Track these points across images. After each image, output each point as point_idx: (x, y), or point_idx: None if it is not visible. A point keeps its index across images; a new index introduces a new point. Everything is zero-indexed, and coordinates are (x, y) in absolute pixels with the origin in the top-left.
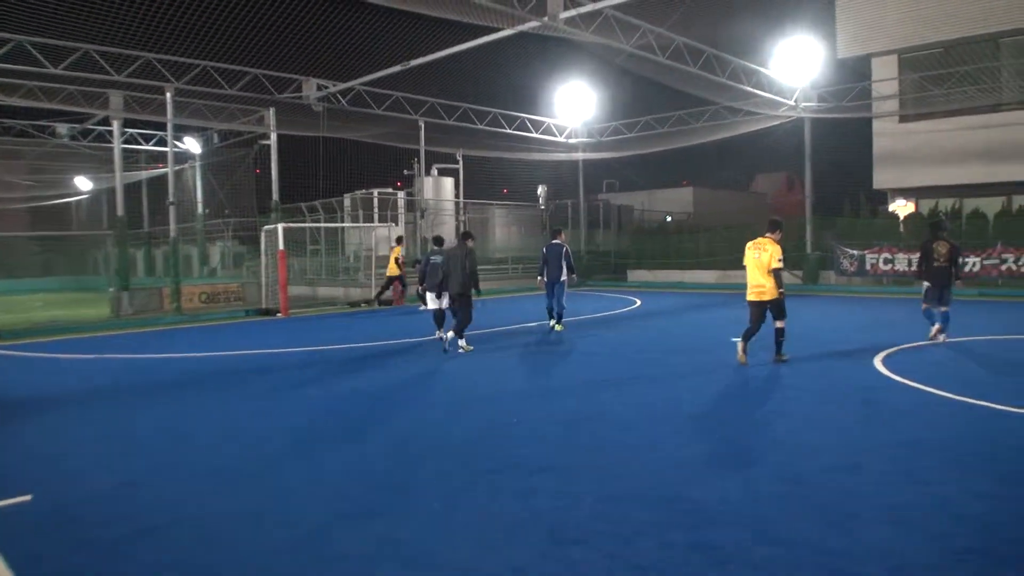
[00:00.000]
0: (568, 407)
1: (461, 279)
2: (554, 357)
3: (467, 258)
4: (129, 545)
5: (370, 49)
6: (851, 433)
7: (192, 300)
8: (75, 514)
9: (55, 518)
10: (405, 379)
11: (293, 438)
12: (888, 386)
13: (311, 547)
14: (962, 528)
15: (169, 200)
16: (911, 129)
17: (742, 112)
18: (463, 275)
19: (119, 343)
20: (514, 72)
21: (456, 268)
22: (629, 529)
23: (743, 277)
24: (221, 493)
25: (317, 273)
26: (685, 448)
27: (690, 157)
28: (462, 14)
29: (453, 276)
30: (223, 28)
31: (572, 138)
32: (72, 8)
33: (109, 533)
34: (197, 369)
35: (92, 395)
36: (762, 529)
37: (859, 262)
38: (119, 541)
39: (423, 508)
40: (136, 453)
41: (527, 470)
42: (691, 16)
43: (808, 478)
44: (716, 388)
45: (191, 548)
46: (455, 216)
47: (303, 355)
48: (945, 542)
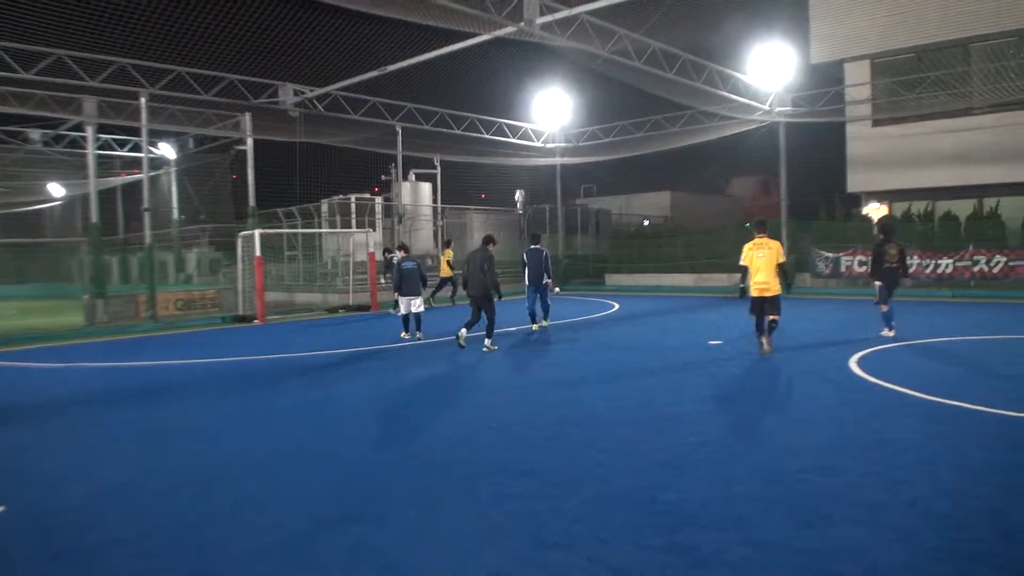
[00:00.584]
0: (547, 411)
1: (481, 281)
2: (533, 361)
3: (486, 261)
4: (103, 555)
5: (347, 54)
6: (826, 433)
7: (168, 307)
8: (48, 525)
9: (28, 529)
10: (381, 385)
11: (268, 445)
12: (863, 387)
13: (288, 554)
14: (933, 527)
15: (144, 206)
16: (884, 133)
17: (718, 116)
18: (482, 277)
19: (93, 351)
20: (491, 77)
21: (475, 271)
22: (608, 532)
23: (720, 280)
24: (196, 502)
25: (295, 279)
26: (664, 450)
27: (667, 161)
28: (439, 19)
29: (472, 279)
30: (198, 33)
31: (550, 143)
32: (45, 13)
33: (83, 543)
34: (172, 377)
35: (65, 404)
36: (739, 530)
37: (834, 264)
38: (93, 551)
39: (401, 514)
40: (110, 462)
41: (506, 474)
42: (667, 21)
43: (784, 479)
44: (694, 390)
45: (166, 557)
46: (433, 221)
47: (279, 361)
48: (917, 541)
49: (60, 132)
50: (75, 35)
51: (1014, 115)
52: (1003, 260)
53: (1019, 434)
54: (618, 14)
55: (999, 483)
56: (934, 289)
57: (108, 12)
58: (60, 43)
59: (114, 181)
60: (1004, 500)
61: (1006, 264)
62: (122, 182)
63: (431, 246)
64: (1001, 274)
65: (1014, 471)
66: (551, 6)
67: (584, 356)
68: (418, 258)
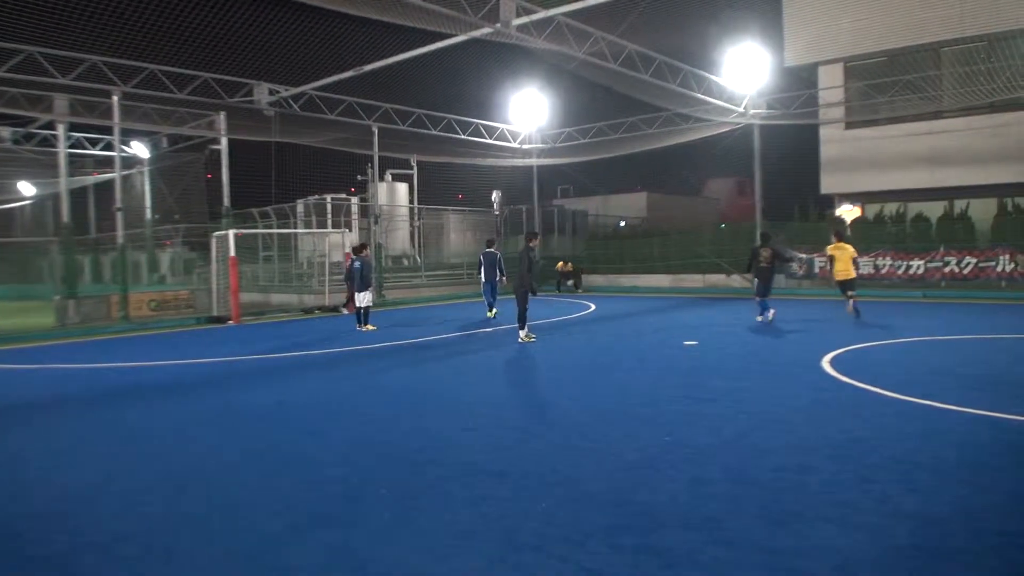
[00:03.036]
0: (519, 412)
1: (518, 276)
2: (506, 362)
3: (525, 256)
4: (74, 559)
5: (322, 54)
6: (799, 433)
7: (141, 308)
8: (18, 529)
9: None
10: (354, 386)
11: (242, 448)
12: (835, 386)
13: (261, 558)
14: (904, 525)
15: (117, 206)
16: (857, 136)
17: (693, 118)
18: (521, 272)
19: (64, 353)
20: (468, 78)
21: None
22: (580, 533)
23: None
24: (167, 506)
25: (270, 279)
26: (637, 451)
27: (643, 162)
28: (415, 20)
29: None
30: (172, 31)
31: (526, 144)
32: (15, 9)
33: (53, 548)
34: (144, 379)
35: (35, 406)
36: (711, 530)
37: (808, 266)
38: (63, 555)
39: (374, 517)
40: (81, 466)
41: (479, 476)
42: (642, 24)
43: (757, 478)
44: (667, 391)
45: (137, 562)
46: (410, 222)
47: (253, 363)
48: (888, 539)
49: (31, 130)
50: (46, 32)
51: (984, 118)
52: (973, 261)
53: (989, 433)
54: (594, 16)
55: (969, 481)
56: (906, 290)
57: (80, 9)
58: (31, 40)
59: (86, 180)
60: (974, 498)
61: (976, 265)
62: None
63: (408, 246)
64: (971, 275)
65: (984, 470)
66: (527, 7)
67: (558, 357)
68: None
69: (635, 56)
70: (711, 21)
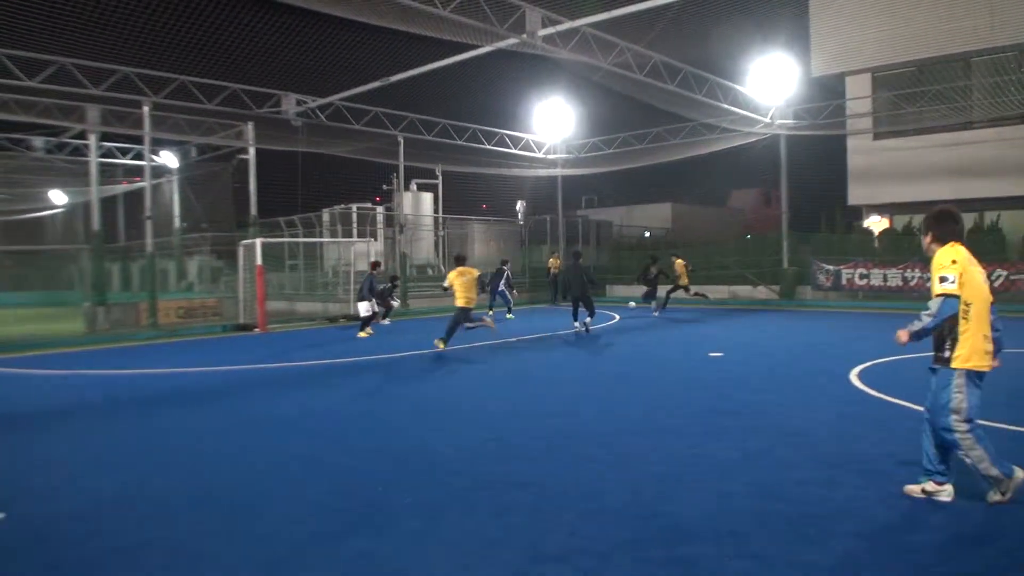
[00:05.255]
0: (544, 423)
1: (581, 285)
2: (529, 373)
3: (584, 271)
4: (101, 564)
5: (349, 65)
6: (826, 447)
7: (169, 315)
8: (47, 533)
9: (27, 537)
10: (381, 396)
11: (267, 455)
12: (863, 400)
13: (287, 566)
14: (932, 541)
15: (146, 214)
16: (885, 146)
17: (719, 129)
18: (583, 283)
19: (94, 359)
20: (493, 88)
21: (575, 278)
22: (606, 545)
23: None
24: (195, 511)
25: (296, 288)
26: (662, 463)
27: (668, 173)
28: (441, 31)
29: (574, 284)
30: (201, 43)
31: (551, 154)
32: (48, 21)
33: (81, 552)
34: (173, 385)
35: (65, 412)
36: (738, 544)
37: (835, 277)
38: (91, 560)
39: (400, 526)
40: (110, 471)
41: (504, 487)
42: (668, 34)
43: (783, 492)
44: (692, 403)
45: (164, 568)
46: (434, 231)
47: (279, 371)
48: (916, 556)
49: (63, 140)
50: (79, 43)
51: (1014, 129)
52: (1004, 274)
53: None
54: (620, 27)
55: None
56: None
57: (112, 21)
58: (64, 51)
59: (116, 189)
60: (1007, 514)
61: (1007, 278)
62: (124, 190)
63: (432, 256)
64: (1002, 288)
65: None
66: (553, 18)
67: (583, 368)
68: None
69: (661, 66)
70: (737, 31)
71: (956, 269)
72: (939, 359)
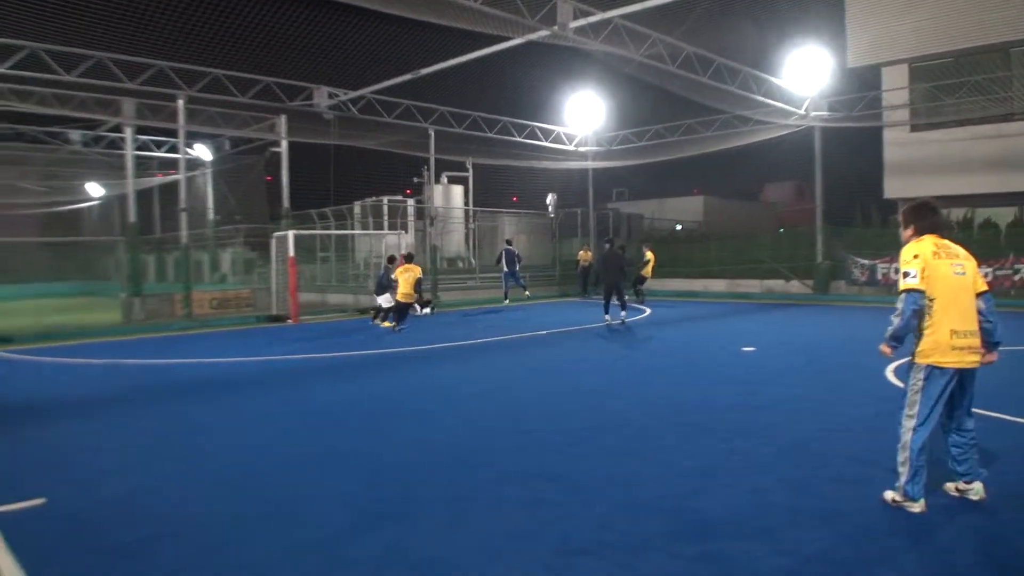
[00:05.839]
0: (574, 416)
1: (617, 274)
2: (560, 366)
3: (622, 260)
4: (142, 550)
5: (380, 58)
6: (860, 444)
7: (203, 306)
8: (88, 518)
9: (69, 522)
10: (410, 386)
11: (302, 444)
12: (899, 396)
13: (321, 553)
14: (972, 540)
15: (181, 206)
16: (922, 139)
17: (752, 121)
18: (619, 272)
19: (130, 348)
20: (524, 81)
21: (613, 267)
22: (637, 539)
23: (753, 286)
24: (231, 499)
25: (327, 280)
26: (692, 458)
27: (700, 166)
28: (472, 23)
29: (611, 272)
30: (235, 37)
31: (582, 146)
32: (85, 16)
33: (122, 537)
34: (208, 375)
35: (103, 400)
36: (771, 541)
37: (870, 272)
38: (132, 545)
39: (431, 516)
40: (148, 458)
41: (534, 479)
42: (701, 25)
43: (817, 489)
44: (724, 398)
45: (202, 553)
46: (464, 224)
47: (311, 361)
48: (953, 555)
49: (99, 133)
50: (115, 38)
51: None
52: None
53: None
54: (652, 18)
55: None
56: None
57: (148, 15)
58: (101, 46)
59: (151, 181)
60: None
61: None
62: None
63: (463, 249)
64: None
65: None
66: (584, 10)
67: (614, 361)
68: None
69: (693, 58)
70: (772, 22)
71: (918, 264)
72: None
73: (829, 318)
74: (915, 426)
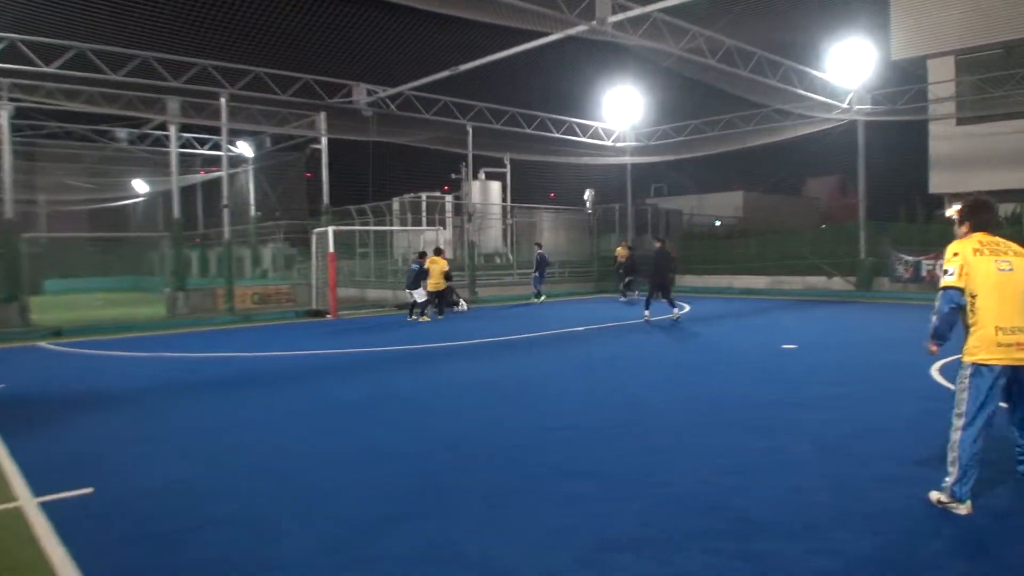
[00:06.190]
0: (613, 412)
1: (666, 271)
2: (598, 361)
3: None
4: (183, 539)
5: (419, 55)
6: (905, 443)
7: (244, 301)
8: (134, 507)
9: (115, 511)
10: (447, 381)
11: (337, 439)
12: (945, 395)
13: (359, 545)
14: (1020, 544)
15: (223, 203)
16: (969, 132)
17: (793, 115)
18: (668, 269)
19: (174, 342)
20: (562, 76)
21: (663, 264)
22: (676, 536)
23: (795, 283)
24: (271, 491)
25: (366, 275)
26: (733, 455)
27: (740, 161)
28: (510, 19)
29: (661, 269)
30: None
31: (620, 142)
32: (131, 17)
33: (166, 526)
34: (250, 368)
35: (148, 392)
36: (813, 540)
37: (915, 268)
38: (172, 535)
39: (469, 510)
40: (187, 450)
41: (573, 475)
42: (742, 18)
43: (861, 488)
44: (763, 395)
45: (240, 543)
46: (502, 220)
47: (352, 356)
48: (999, 559)
49: (145, 131)
50: (160, 37)
51: None
52: None
53: None
54: (691, 11)
55: None
56: None
57: (192, 15)
58: (146, 46)
59: (194, 178)
60: None
61: None
62: (202, 179)
63: (500, 245)
64: None
65: None
66: (623, 4)
67: (652, 357)
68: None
69: (734, 51)
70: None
71: (957, 261)
72: None
73: (872, 316)
74: (963, 425)
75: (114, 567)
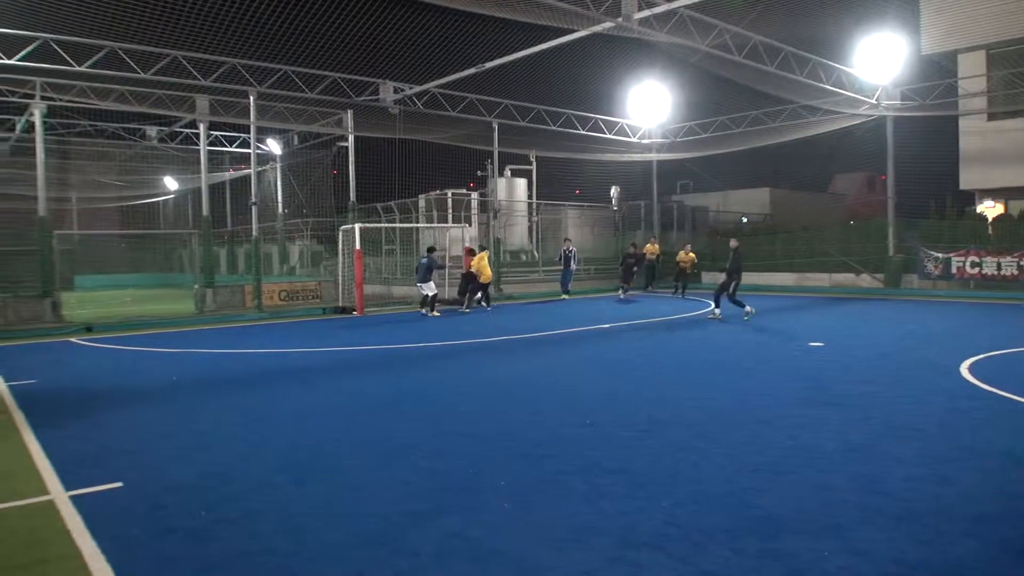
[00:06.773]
0: (638, 409)
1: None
2: (624, 360)
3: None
4: (211, 533)
5: (445, 52)
6: (935, 442)
7: (272, 298)
8: (162, 502)
9: (144, 505)
10: (472, 378)
11: (363, 434)
12: (975, 394)
13: (384, 541)
14: None
15: (251, 200)
16: (1000, 127)
17: (821, 111)
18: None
19: (203, 338)
20: (587, 73)
21: (734, 267)
22: (701, 534)
23: (822, 280)
24: (298, 486)
25: (392, 272)
26: (758, 453)
27: (767, 157)
28: (536, 16)
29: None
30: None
31: (646, 138)
32: (161, 16)
33: (194, 521)
34: (275, 365)
35: (177, 388)
36: (839, 539)
37: (944, 265)
38: (200, 529)
39: (494, 507)
40: (215, 446)
41: (597, 472)
42: (768, 14)
43: (888, 487)
44: (791, 393)
45: (271, 538)
46: (528, 217)
47: (379, 352)
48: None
49: (175, 129)
50: (190, 36)
51: None
52: None
53: None
54: (718, 7)
55: None
56: None
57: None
58: (176, 44)
59: (223, 176)
60: None
61: None
62: (231, 177)
63: (526, 242)
64: None
65: None
66: (650, 1)
67: (680, 354)
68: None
69: (760, 47)
70: (841, 8)
71: None
72: None
73: (900, 313)
74: None
75: (144, 560)
